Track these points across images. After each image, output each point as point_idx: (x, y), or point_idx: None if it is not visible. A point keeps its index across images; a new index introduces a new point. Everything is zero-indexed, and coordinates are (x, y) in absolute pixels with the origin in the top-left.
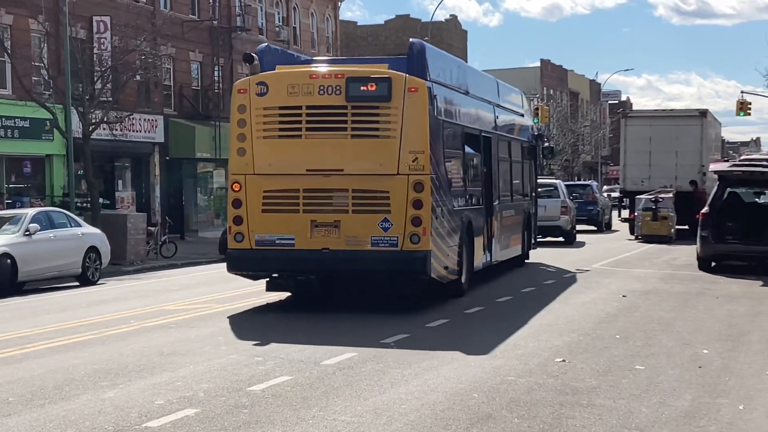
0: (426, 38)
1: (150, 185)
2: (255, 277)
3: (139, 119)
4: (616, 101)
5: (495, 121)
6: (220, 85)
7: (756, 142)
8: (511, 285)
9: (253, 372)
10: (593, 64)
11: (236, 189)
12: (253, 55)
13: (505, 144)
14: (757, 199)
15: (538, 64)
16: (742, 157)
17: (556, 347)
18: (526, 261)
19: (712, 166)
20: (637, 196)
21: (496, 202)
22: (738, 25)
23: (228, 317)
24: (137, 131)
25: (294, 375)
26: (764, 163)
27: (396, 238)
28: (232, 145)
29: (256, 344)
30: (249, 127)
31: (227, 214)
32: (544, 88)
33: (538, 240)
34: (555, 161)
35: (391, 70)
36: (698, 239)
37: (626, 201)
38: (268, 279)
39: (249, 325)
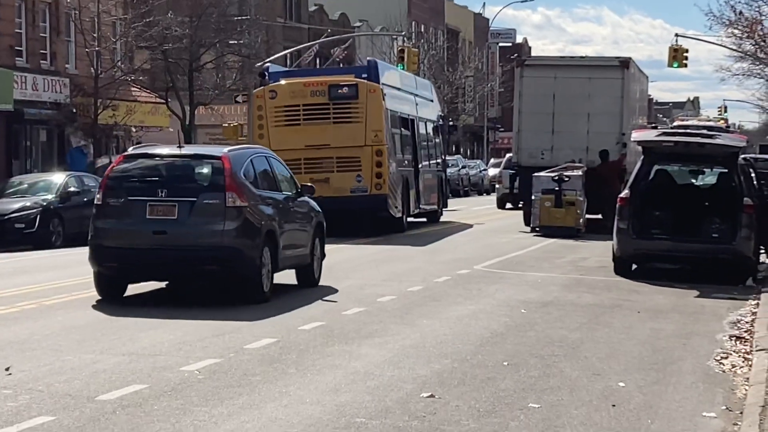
0: None
1: None
2: None
3: None
4: (509, 43)
5: (416, 108)
6: None
7: (693, 104)
8: (365, 292)
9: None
10: None
11: None
12: (266, 73)
13: (423, 124)
14: (693, 180)
15: None
16: (675, 124)
17: (422, 378)
18: (441, 219)
19: (635, 135)
20: (535, 174)
21: (420, 166)
22: None
23: None
24: None
25: None
26: (703, 131)
27: (366, 187)
28: (254, 132)
29: None
30: (265, 120)
31: None
32: (413, 24)
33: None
34: None
35: (357, 78)
36: (615, 233)
37: (519, 180)
38: None
39: None
